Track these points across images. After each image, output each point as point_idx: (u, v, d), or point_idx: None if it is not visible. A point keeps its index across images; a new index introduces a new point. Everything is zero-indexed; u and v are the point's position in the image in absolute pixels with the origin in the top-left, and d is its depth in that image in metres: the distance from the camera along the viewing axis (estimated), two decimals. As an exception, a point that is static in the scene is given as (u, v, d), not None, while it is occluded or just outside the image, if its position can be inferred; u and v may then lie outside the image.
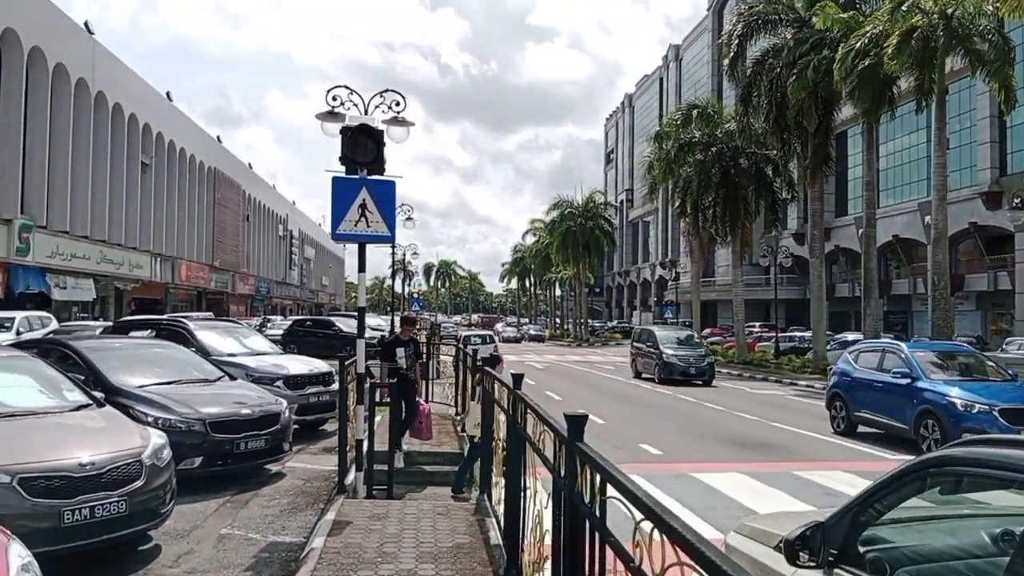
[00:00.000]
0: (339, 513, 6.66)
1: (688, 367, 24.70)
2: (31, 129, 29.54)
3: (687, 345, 26.26)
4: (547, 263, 71.74)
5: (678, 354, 25.19)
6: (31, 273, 29.71)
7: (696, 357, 25.28)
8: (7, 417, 5.90)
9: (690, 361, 24.93)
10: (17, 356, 7.30)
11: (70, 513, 5.23)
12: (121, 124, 37.11)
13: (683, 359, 24.96)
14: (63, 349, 9.30)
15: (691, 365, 24.79)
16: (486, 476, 6.98)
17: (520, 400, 4.79)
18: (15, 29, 27.86)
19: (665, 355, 25.16)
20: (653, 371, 25.71)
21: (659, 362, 25.29)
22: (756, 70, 28.45)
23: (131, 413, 7.72)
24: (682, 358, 24.99)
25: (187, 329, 13.05)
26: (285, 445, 9.16)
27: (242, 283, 58.02)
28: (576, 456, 2.83)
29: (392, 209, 8.18)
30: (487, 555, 5.59)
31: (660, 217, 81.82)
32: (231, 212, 55.39)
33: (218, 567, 5.86)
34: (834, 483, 9.68)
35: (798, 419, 16.13)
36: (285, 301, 75.02)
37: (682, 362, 24.86)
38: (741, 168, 33.20)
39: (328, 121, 8.24)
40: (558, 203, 60.38)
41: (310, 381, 12.26)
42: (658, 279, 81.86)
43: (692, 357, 25.18)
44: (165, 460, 6.17)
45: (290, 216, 75.62)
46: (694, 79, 76.15)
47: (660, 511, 1.92)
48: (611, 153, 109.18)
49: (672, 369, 24.67)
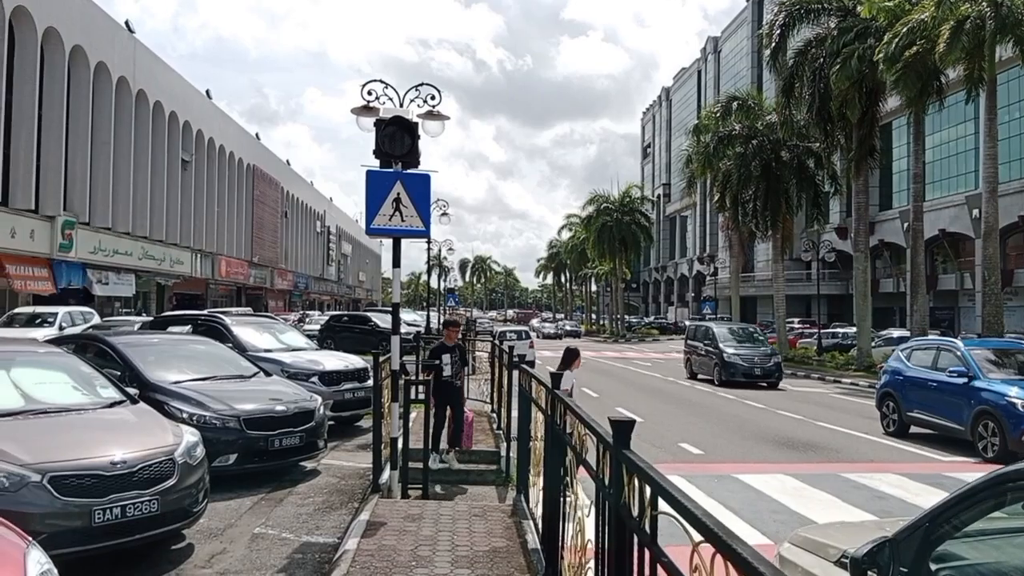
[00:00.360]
0: (373, 513, 6.51)
1: (752, 367, 22.49)
2: (73, 127, 30.03)
3: (750, 343, 23.95)
4: (583, 258, 71.31)
5: (740, 353, 22.94)
6: (74, 269, 30.23)
7: (761, 356, 23.02)
8: (40, 414, 5.85)
9: (754, 361, 22.70)
10: (52, 352, 7.27)
11: (101, 512, 5.15)
12: (162, 122, 37.60)
13: (746, 359, 22.73)
14: (100, 345, 9.30)
15: (756, 365, 22.57)
16: (523, 477, 6.78)
17: (559, 400, 4.58)
18: (57, 28, 28.32)
19: (726, 354, 22.89)
20: (711, 372, 23.61)
21: (719, 362, 23.03)
22: (798, 60, 27.82)
23: (166, 409, 7.68)
24: (745, 357, 22.76)
25: (224, 325, 13.06)
26: (320, 442, 9.07)
27: (280, 279, 58.58)
28: (623, 465, 2.62)
29: (427, 203, 8.01)
30: (524, 560, 5.39)
31: (698, 211, 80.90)
32: (269, 208, 55.93)
33: (251, 568, 5.75)
34: (885, 486, 9.31)
35: (845, 418, 15.68)
36: (322, 296, 75.67)
37: (745, 362, 22.62)
38: (782, 161, 32.54)
39: (363, 115, 8.12)
40: (594, 198, 59.91)
41: (345, 377, 12.17)
42: (696, 274, 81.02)
43: (757, 356, 22.94)
44: (198, 458, 6.08)
45: (327, 212, 76.21)
46: (733, 71, 75.06)
47: (724, 535, 1.70)
48: (648, 147, 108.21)
49: (734, 370, 22.48)
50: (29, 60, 27.10)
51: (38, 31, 27.19)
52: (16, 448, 5.15)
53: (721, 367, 22.91)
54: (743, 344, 23.64)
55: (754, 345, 23.76)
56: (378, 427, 7.93)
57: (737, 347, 23.33)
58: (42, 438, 5.44)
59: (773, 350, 24.61)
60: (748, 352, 23.07)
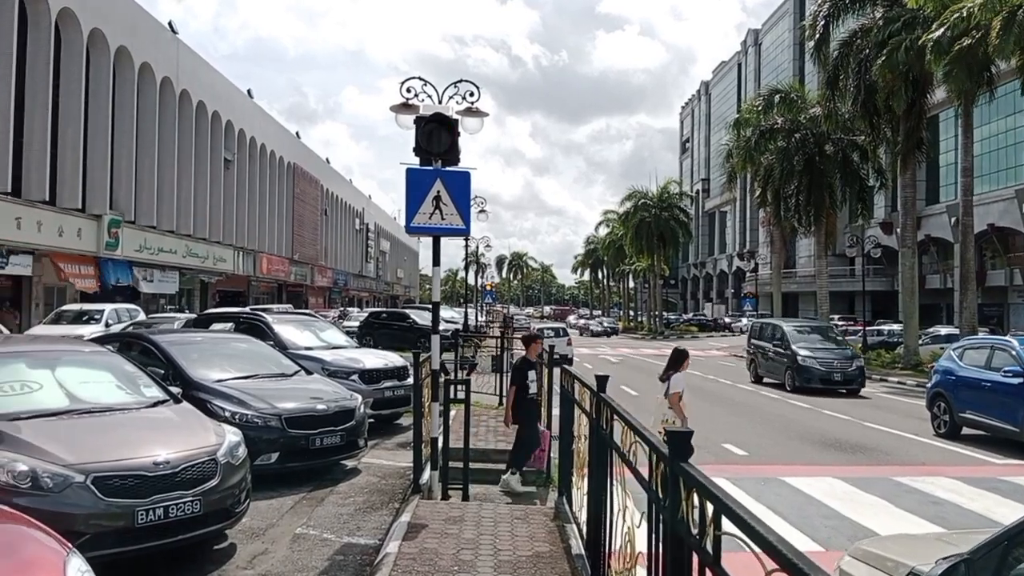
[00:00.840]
0: (414, 515, 6.45)
1: (831, 372, 20.00)
2: (119, 128, 30.57)
3: (828, 343, 21.49)
4: (620, 254, 70.79)
5: (818, 356, 20.45)
6: (120, 267, 30.79)
7: (842, 359, 20.50)
8: (84, 414, 5.87)
9: (834, 364, 20.21)
10: (97, 351, 7.32)
11: (144, 513, 5.14)
12: (205, 121, 38.13)
13: (825, 362, 20.24)
14: (145, 343, 9.39)
15: (835, 369, 20.08)
16: (565, 479, 6.66)
17: (605, 405, 4.45)
18: (102, 30, 28.82)
19: (800, 357, 20.44)
20: (782, 376, 21.13)
21: (791, 365, 20.60)
22: (843, 52, 27.22)
23: (209, 408, 7.71)
24: (823, 361, 20.27)
25: (265, 323, 13.14)
26: (360, 441, 9.04)
27: (320, 276, 59.13)
28: (680, 479, 2.48)
29: (467, 201, 7.92)
30: (569, 567, 5.27)
31: (738, 207, 79.88)
32: (310, 206, 56.46)
33: (292, 570, 5.71)
34: (939, 491, 9.01)
35: (893, 419, 15.27)
36: (361, 293, 76.24)
37: (823, 366, 20.13)
38: (826, 155, 31.90)
39: (402, 113, 8.04)
40: (632, 193, 59.44)
41: (385, 375, 12.15)
42: (735, 270, 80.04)
43: (836, 359, 20.43)
44: (240, 458, 6.06)
45: (366, 209, 76.75)
46: (774, 64, 73.88)
47: (805, 566, 1.56)
48: (686, 142, 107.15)
49: (810, 375, 20.04)
50: (75, 61, 27.62)
51: (84, 33, 27.70)
52: (60, 448, 5.17)
53: (794, 371, 20.49)
54: (820, 345, 21.17)
55: (832, 346, 21.35)
56: (418, 427, 7.87)
57: (814, 348, 20.86)
58: (86, 438, 5.46)
59: (854, 352, 22.08)
60: (826, 355, 20.61)
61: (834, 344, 21.59)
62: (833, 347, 21.22)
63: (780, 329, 22.27)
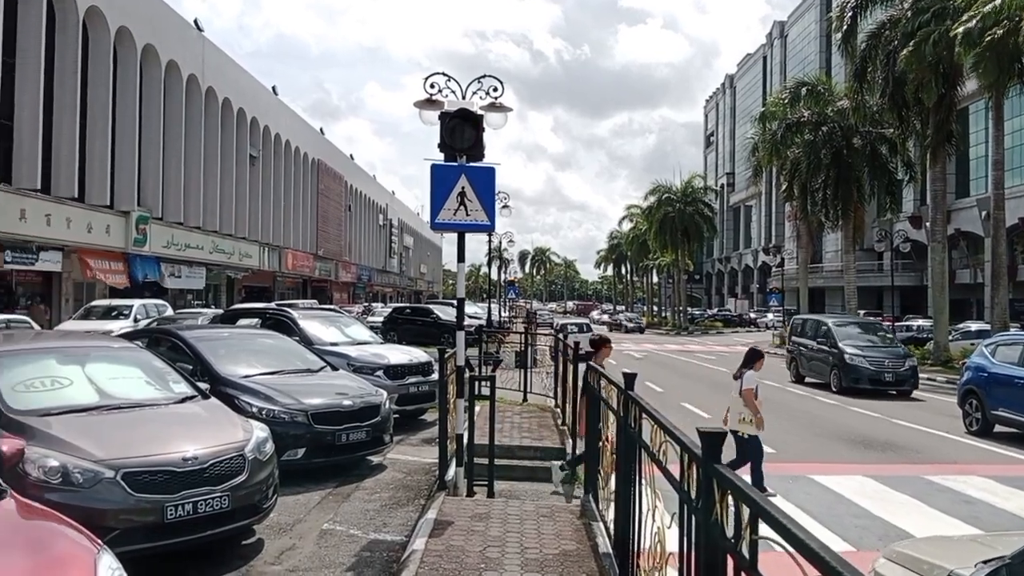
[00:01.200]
0: (440, 512, 6.44)
1: (881, 372, 18.58)
2: (146, 125, 30.91)
3: (877, 341, 20.06)
4: (644, 249, 70.42)
5: (867, 354, 18.99)
6: (148, 262, 31.16)
7: (893, 358, 19.02)
8: (113, 409, 5.92)
9: (884, 364, 18.75)
10: (126, 347, 7.39)
11: (173, 509, 5.18)
12: (230, 118, 38.44)
13: (875, 361, 18.79)
14: (173, 339, 9.47)
15: (886, 369, 18.63)
16: (591, 476, 6.62)
17: (633, 403, 4.40)
18: (129, 28, 29.12)
19: (847, 355, 19.00)
20: (827, 375, 19.83)
21: (837, 364, 19.23)
22: (871, 44, 26.82)
23: (236, 403, 7.76)
24: (874, 360, 18.80)
25: (291, 318, 13.22)
26: (386, 437, 9.06)
27: (344, 271, 59.46)
28: (714, 480, 2.43)
29: (492, 196, 7.88)
30: (596, 565, 5.23)
31: (763, 201, 79.17)
32: (334, 202, 56.77)
33: (320, 566, 5.73)
34: (972, 490, 8.85)
35: (923, 416, 15.05)
36: (385, 289, 76.59)
37: (873, 365, 18.68)
38: (854, 148, 31.47)
39: (426, 109, 8.02)
40: (656, 188, 59.09)
41: (410, 371, 12.17)
42: (761, 265, 79.32)
43: (887, 358, 18.96)
44: (267, 454, 6.09)
45: (389, 205, 77.04)
46: (800, 56, 73.02)
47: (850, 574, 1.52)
48: (711, 136, 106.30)
49: (858, 374, 18.66)
50: (102, 59, 27.95)
51: (111, 31, 28.01)
52: (90, 444, 5.22)
53: (841, 371, 19.09)
54: (869, 343, 19.78)
55: (882, 344, 19.90)
56: (444, 423, 7.86)
57: (862, 347, 19.40)
58: (116, 434, 5.50)
59: (906, 351, 20.52)
60: (876, 353, 19.14)
61: (884, 342, 20.25)
62: (883, 345, 19.91)
63: (825, 325, 20.85)
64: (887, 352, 19.36)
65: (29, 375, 6.03)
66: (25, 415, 5.48)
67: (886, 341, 20.41)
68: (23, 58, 24.18)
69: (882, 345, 19.82)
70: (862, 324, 22.41)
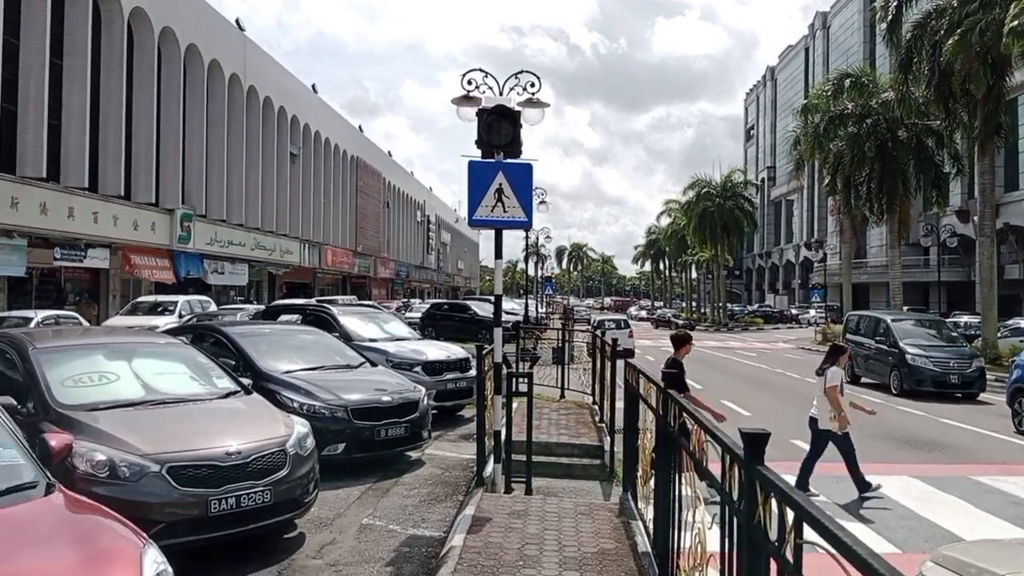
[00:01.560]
0: (478, 508, 6.45)
1: (946, 373, 17.39)
2: (189, 124, 31.46)
3: (941, 340, 18.85)
4: (682, 245, 69.75)
5: (931, 355, 17.79)
6: (192, 259, 31.73)
7: (959, 359, 17.82)
8: (159, 404, 6.04)
9: (950, 365, 17.55)
10: (172, 343, 7.53)
11: (217, 502, 5.26)
12: (271, 117, 38.94)
13: (939, 362, 17.57)
14: (217, 335, 9.63)
15: (951, 371, 17.44)
16: (630, 474, 6.59)
17: (672, 401, 4.36)
18: (172, 28, 29.65)
19: (909, 355, 17.83)
20: (886, 376, 18.70)
21: (897, 364, 18.07)
22: (916, 34, 26.18)
23: (277, 398, 7.87)
24: (938, 361, 17.60)
25: (331, 314, 13.36)
26: (424, 433, 9.12)
27: (383, 267, 59.91)
28: (756, 482, 2.39)
29: (529, 193, 7.87)
30: (635, 565, 5.19)
31: (805, 195, 77.90)
32: (372, 199, 57.23)
33: (360, 560, 5.78)
34: (1022, 491, 8.62)
35: (971, 415, 14.69)
36: (423, 285, 77.01)
37: (938, 366, 17.47)
38: (899, 140, 30.79)
39: (464, 105, 8.02)
40: (694, 183, 58.45)
41: (448, 367, 12.22)
42: (802, 261, 78.15)
43: (953, 359, 17.76)
44: (308, 449, 6.16)
45: (427, 202, 77.41)
46: (843, 47, 71.66)
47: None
48: (751, 129, 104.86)
49: (921, 376, 17.50)
50: (147, 60, 28.50)
51: (155, 32, 28.54)
52: (136, 438, 5.32)
53: (902, 372, 17.93)
54: (934, 343, 18.58)
55: (946, 343, 18.71)
56: (481, 419, 7.87)
57: (926, 347, 18.19)
58: (161, 428, 5.61)
59: (972, 351, 19.32)
60: (940, 353, 17.93)
61: (948, 340, 18.99)
62: (947, 344, 18.66)
63: (884, 323, 19.68)
64: (952, 352, 18.13)
65: (78, 370, 6.18)
66: (73, 410, 5.62)
67: (951, 340, 19.15)
68: (71, 59, 24.76)
69: (946, 344, 18.62)
70: (924, 321, 21.14)
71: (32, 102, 22.81)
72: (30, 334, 7.20)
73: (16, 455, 3.69)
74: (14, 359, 6.19)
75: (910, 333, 18.87)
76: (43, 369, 5.94)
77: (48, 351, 6.28)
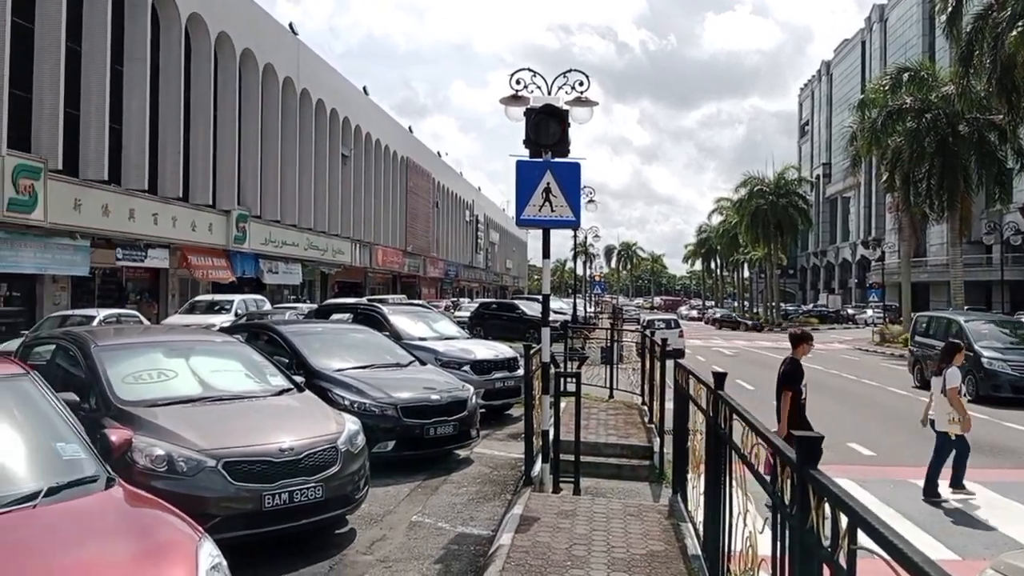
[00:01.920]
0: (526, 508, 6.46)
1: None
2: (244, 127, 32.11)
3: (1018, 342, 17.54)
4: (734, 243, 68.78)
5: (1008, 358, 16.67)
6: (247, 259, 32.40)
7: None
8: (215, 401, 6.19)
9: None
10: (227, 341, 7.71)
11: (270, 497, 5.37)
12: (324, 119, 39.54)
13: (1018, 366, 16.44)
14: (271, 333, 9.83)
15: None
16: (679, 476, 6.52)
17: (723, 403, 4.30)
18: (228, 33, 30.29)
19: (985, 359, 16.69)
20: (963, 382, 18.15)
21: (973, 368, 16.50)
22: (977, 26, 25.37)
23: (329, 396, 7.99)
24: (1017, 365, 16.48)
25: (381, 314, 13.52)
26: (472, 431, 9.16)
27: (432, 267, 60.35)
28: (809, 486, 2.35)
29: (577, 192, 7.84)
30: (685, 567, 5.14)
31: (862, 192, 76.07)
32: (422, 199, 57.70)
33: (409, 557, 5.84)
34: (1092, 499, 8.28)
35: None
36: (471, 284, 77.36)
37: (1017, 371, 16.36)
38: (960, 135, 29.88)
39: (512, 105, 8.04)
40: (747, 180, 57.59)
41: (496, 366, 12.26)
42: (859, 259, 76.35)
43: None
44: (359, 446, 6.24)
45: (475, 201, 77.73)
46: (901, 41, 69.83)
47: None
48: (805, 125, 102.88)
49: (998, 381, 16.43)
50: (204, 64, 29.17)
51: (211, 36, 29.20)
52: (193, 434, 5.46)
53: (977, 377, 16.74)
54: (1009, 345, 17.36)
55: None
56: (529, 419, 7.88)
57: (1000, 349, 17.11)
58: (217, 424, 5.75)
59: None
60: (1019, 357, 16.74)
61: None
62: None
63: (956, 324, 18.58)
64: None
65: (138, 368, 6.37)
66: (134, 406, 5.79)
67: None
68: (131, 65, 25.47)
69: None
70: (999, 322, 19.91)
71: (94, 107, 23.52)
72: (92, 332, 7.43)
73: (78, 450, 3.81)
74: (77, 357, 6.40)
75: (985, 335, 17.80)
76: (104, 366, 6.13)
77: (109, 349, 6.48)
